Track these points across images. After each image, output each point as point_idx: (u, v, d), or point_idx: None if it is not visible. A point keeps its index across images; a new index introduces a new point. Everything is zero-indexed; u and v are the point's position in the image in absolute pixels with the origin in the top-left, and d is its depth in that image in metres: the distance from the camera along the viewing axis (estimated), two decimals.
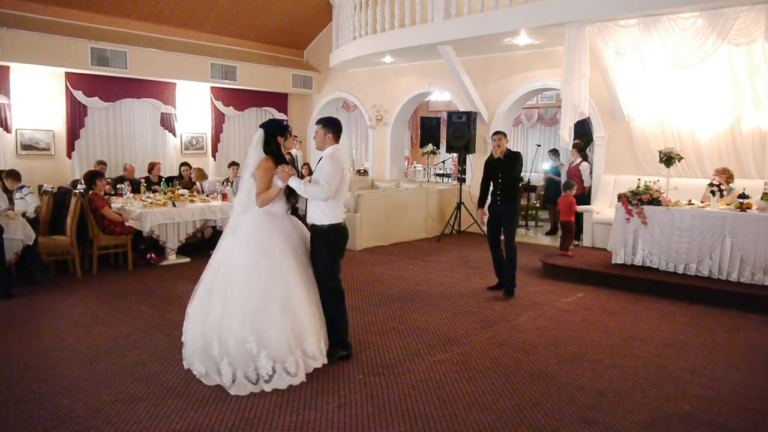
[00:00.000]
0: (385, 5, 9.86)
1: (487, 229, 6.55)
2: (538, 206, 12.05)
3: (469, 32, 8.55)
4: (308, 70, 13.24)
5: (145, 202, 7.81)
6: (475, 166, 10.33)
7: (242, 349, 3.82)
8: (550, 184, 10.75)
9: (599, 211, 8.41)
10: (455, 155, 12.53)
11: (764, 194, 6.15)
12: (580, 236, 8.69)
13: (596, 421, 3.46)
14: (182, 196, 8.10)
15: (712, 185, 6.67)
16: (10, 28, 8.71)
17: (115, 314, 5.43)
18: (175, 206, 7.60)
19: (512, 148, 7.23)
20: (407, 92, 11.66)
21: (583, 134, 10.50)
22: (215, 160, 12.28)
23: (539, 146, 13.77)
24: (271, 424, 3.36)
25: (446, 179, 13.97)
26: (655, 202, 6.70)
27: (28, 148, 9.66)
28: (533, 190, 12.42)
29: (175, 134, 11.54)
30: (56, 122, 9.96)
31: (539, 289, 6.61)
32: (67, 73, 9.82)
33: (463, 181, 10.51)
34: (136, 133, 11.03)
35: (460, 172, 10.91)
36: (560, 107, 8.19)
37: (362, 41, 10.37)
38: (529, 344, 4.77)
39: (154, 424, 3.33)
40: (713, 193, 6.60)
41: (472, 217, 10.09)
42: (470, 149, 9.94)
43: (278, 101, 13.25)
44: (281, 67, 12.62)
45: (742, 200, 6.24)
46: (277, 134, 4.24)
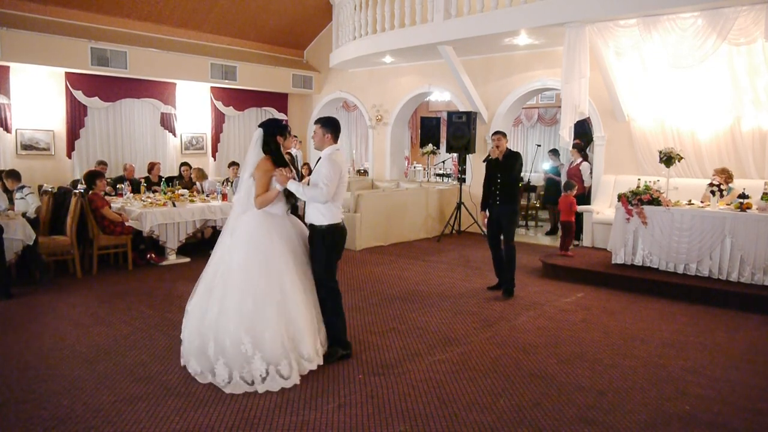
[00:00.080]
0: (385, 5, 9.86)
1: (487, 228, 6.56)
2: (538, 206, 12.05)
3: (469, 32, 8.55)
4: (308, 70, 13.24)
5: (145, 202, 7.81)
6: (475, 166, 10.33)
7: (238, 350, 3.83)
8: (550, 184, 10.75)
9: (599, 211, 8.41)
10: (455, 155, 12.53)
11: (764, 194, 6.15)
12: (580, 236, 8.69)
13: (596, 421, 3.46)
14: (182, 196, 8.10)
15: (712, 185, 6.67)
16: (10, 28, 8.72)
17: (115, 314, 5.44)
18: (175, 206, 7.60)
19: (512, 148, 7.23)
20: (407, 92, 11.66)
21: (583, 134, 10.50)
22: (215, 160, 12.29)
23: (539, 146, 13.77)
24: (271, 424, 3.36)
25: (446, 179, 13.97)
26: (655, 202, 6.70)
27: (28, 148, 9.66)
28: (533, 190, 12.42)
29: (175, 134, 11.55)
30: (56, 122, 9.96)
31: (539, 289, 6.61)
32: (67, 73, 9.83)
33: (463, 181, 10.51)
34: (136, 133, 11.03)
35: (460, 172, 10.91)
36: (560, 107, 8.19)
37: (362, 41, 10.37)
38: (529, 344, 4.77)
39: (154, 424, 3.34)
40: (713, 193, 6.60)
41: (472, 217, 10.09)
42: (470, 149, 9.95)
43: (278, 101, 13.25)
44: (281, 67, 12.62)
45: (742, 200, 6.24)
46: (276, 134, 4.22)
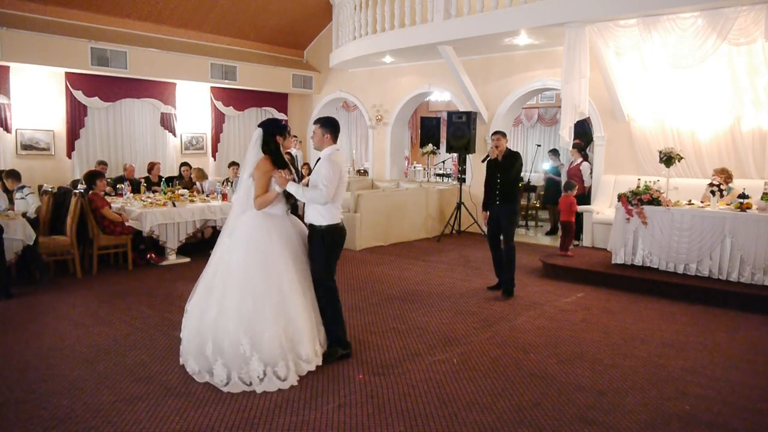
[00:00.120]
0: (385, 5, 9.86)
1: (487, 228, 6.56)
2: (538, 206, 12.05)
3: (469, 32, 8.55)
4: (308, 70, 13.24)
5: (145, 202, 7.82)
6: (475, 166, 10.33)
7: (236, 351, 3.83)
8: (550, 184, 10.76)
9: (599, 211, 8.41)
10: (455, 155, 12.53)
11: (764, 194, 6.15)
12: (580, 236, 8.69)
13: (596, 421, 3.46)
14: (182, 196, 8.11)
15: (712, 185, 6.67)
16: (10, 28, 8.72)
17: (115, 314, 5.44)
18: (175, 206, 7.60)
19: (512, 148, 7.23)
20: (407, 92, 11.66)
21: (583, 134, 10.50)
22: (215, 160, 12.29)
23: (539, 146, 13.78)
24: (271, 424, 3.36)
25: (446, 179, 13.97)
26: (655, 202, 6.70)
27: (28, 148, 9.66)
28: (533, 190, 12.42)
29: (175, 134, 11.55)
30: (56, 122, 9.96)
31: (539, 289, 6.61)
32: (67, 73, 9.82)
33: (463, 181, 10.50)
34: (136, 133, 11.03)
35: (460, 172, 10.91)
36: (560, 107, 8.19)
37: (362, 41, 10.37)
38: (529, 344, 4.77)
39: (154, 424, 3.34)
40: (713, 193, 6.60)
41: (472, 217, 10.10)
42: (470, 149, 9.95)
43: (278, 101, 13.25)
44: (281, 67, 12.62)
45: (742, 200, 6.24)
46: (276, 134, 4.21)
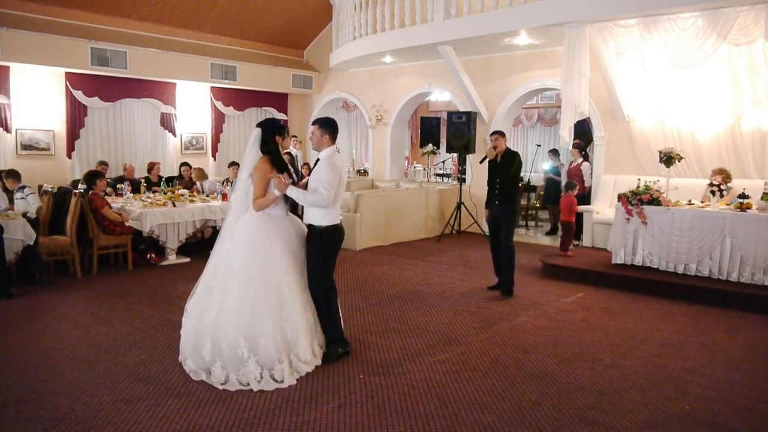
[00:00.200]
0: (385, 5, 9.86)
1: (488, 228, 6.56)
2: (538, 206, 12.05)
3: (469, 32, 8.55)
4: (308, 70, 13.24)
5: (145, 202, 7.82)
6: (475, 166, 10.31)
7: (234, 352, 3.84)
8: (550, 184, 10.76)
9: (599, 211, 8.41)
10: (455, 155, 12.53)
11: (764, 194, 6.15)
12: (580, 236, 8.69)
13: (596, 421, 3.46)
14: (182, 196, 8.10)
15: (712, 185, 6.67)
16: (10, 28, 8.72)
17: (115, 314, 5.44)
18: (175, 206, 7.60)
19: (513, 148, 7.22)
20: (407, 92, 11.66)
21: (583, 134, 10.50)
22: (215, 160, 12.29)
23: (539, 146, 13.78)
24: (271, 424, 3.36)
25: (446, 179, 13.97)
26: (655, 202, 6.70)
27: (28, 148, 9.66)
28: (533, 190, 12.42)
29: (175, 134, 11.55)
30: (56, 122, 9.96)
31: (539, 289, 6.61)
32: (67, 73, 9.82)
33: (463, 181, 10.50)
34: (136, 133, 11.03)
35: (460, 172, 10.91)
36: (560, 107, 8.19)
37: (362, 41, 10.37)
38: (529, 344, 4.77)
39: (154, 424, 3.33)
40: (713, 193, 6.60)
41: (472, 217, 10.10)
42: (470, 149, 9.95)
43: (278, 101, 13.25)
44: (281, 67, 12.62)
45: (742, 200, 6.24)
46: (275, 133, 4.20)
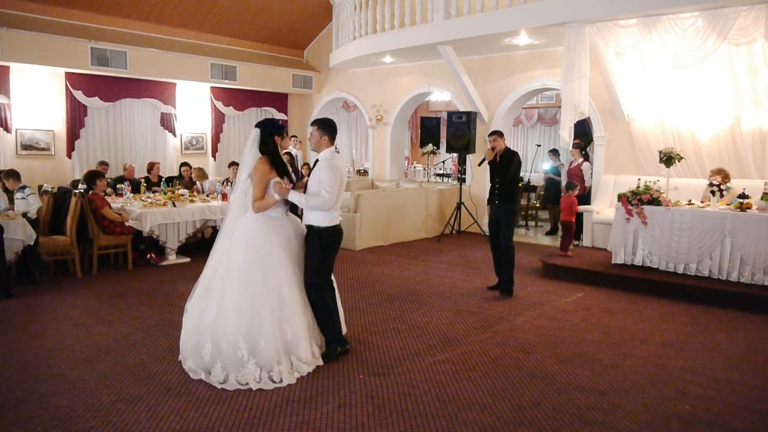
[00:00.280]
0: (385, 5, 9.86)
1: (488, 228, 6.56)
2: (538, 206, 12.04)
3: (469, 32, 8.55)
4: (308, 70, 13.24)
5: (145, 202, 7.82)
6: (474, 166, 10.31)
7: (234, 354, 3.85)
8: (550, 184, 10.76)
9: (599, 211, 8.41)
10: (455, 155, 12.52)
11: (764, 194, 6.15)
12: (580, 236, 8.68)
13: (596, 421, 3.46)
14: (182, 196, 8.10)
15: (712, 185, 6.67)
16: (10, 28, 8.72)
17: (115, 314, 5.43)
18: (175, 206, 7.60)
19: (513, 148, 7.22)
20: (407, 92, 11.66)
21: (583, 134, 10.50)
22: (215, 160, 12.29)
23: (539, 146, 13.78)
24: (271, 424, 3.36)
25: (446, 179, 13.97)
26: (655, 202, 6.70)
27: (28, 148, 9.66)
28: (533, 190, 12.42)
29: (175, 134, 11.55)
30: (56, 122, 9.96)
31: (539, 289, 6.61)
32: (67, 73, 9.82)
33: (463, 181, 10.50)
34: (136, 133, 11.03)
35: (460, 172, 10.90)
36: (560, 107, 8.19)
37: (362, 41, 10.37)
38: (529, 344, 4.77)
39: (154, 424, 3.33)
40: (713, 193, 6.60)
41: (472, 217, 10.10)
42: (470, 149, 9.95)
43: (278, 101, 13.25)
44: (281, 67, 12.62)
45: (742, 200, 6.24)
46: (274, 134, 4.19)
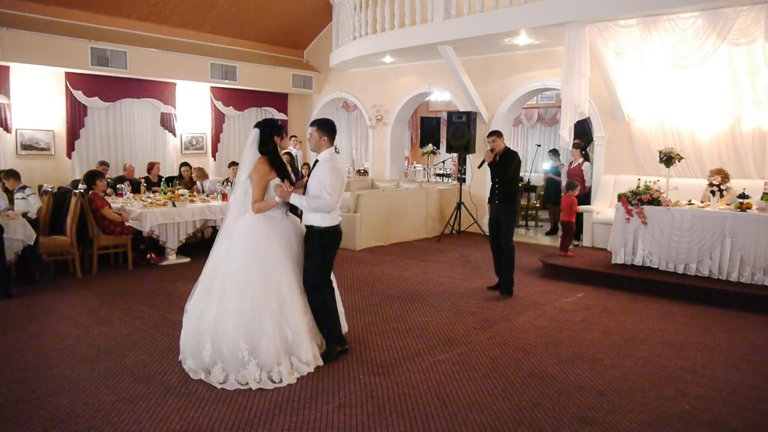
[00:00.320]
0: (385, 5, 9.86)
1: (488, 228, 6.56)
2: (538, 206, 12.05)
3: (469, 32, 8.55)
4: (308, 70, 13.24)
5: (145, 202, 7.82)
6: (474, 166, 10.32)
7: (235, 355, 3.85)
8: (550, 184, 10.76)
9: (599, 211, 8.41)
10: (455, 155, 12.52)
11: (764, 194, 6.15)
12: (580, 236, 8.68)
13: (596, 421, 3.46)
14: (182, 196, 8.10)
15: (711, 185, 6.67)
16: (10, 28, 8.72)
17: (115, 314, 5.43)
18: (175, 206, 7.60)
19: (513, 148, 7.21)
20: (407, 92, 11.66)
21: (583, 134, 10.50)
22: (215, 160, 12.29)
23: (539, 146, 13.78)
24: (271, 424, 3.36)
25: (446, 179, 13.97)
26: (655, 202, 6.70)
27: (28, 148, 9.66)
28: (533, 190, 12.42)
29: (175, 134, 11.55)
30: (56, 122, 9.96)
31: (539, 289, 6.61)
32: (67, 73, 9.82)
33: (463, 181, 10.50)
34: (136, 133, 11.03)
35: (460, 172, 10.91)
36: (560, 107, 8.19)
37: (362, 41, 10.37)
38: (529, 344, 4.77)
39: (154, 424, 3.33)
40: (713, 193, 6.60)
41: (472, 217, 10.10)
42: (470, 149, 9.95)
43: (278, 101, 13.25)
44: (281, 67, 12.62)
45: (742, 200, 6.24)
46: (273, 134, 4.19)
